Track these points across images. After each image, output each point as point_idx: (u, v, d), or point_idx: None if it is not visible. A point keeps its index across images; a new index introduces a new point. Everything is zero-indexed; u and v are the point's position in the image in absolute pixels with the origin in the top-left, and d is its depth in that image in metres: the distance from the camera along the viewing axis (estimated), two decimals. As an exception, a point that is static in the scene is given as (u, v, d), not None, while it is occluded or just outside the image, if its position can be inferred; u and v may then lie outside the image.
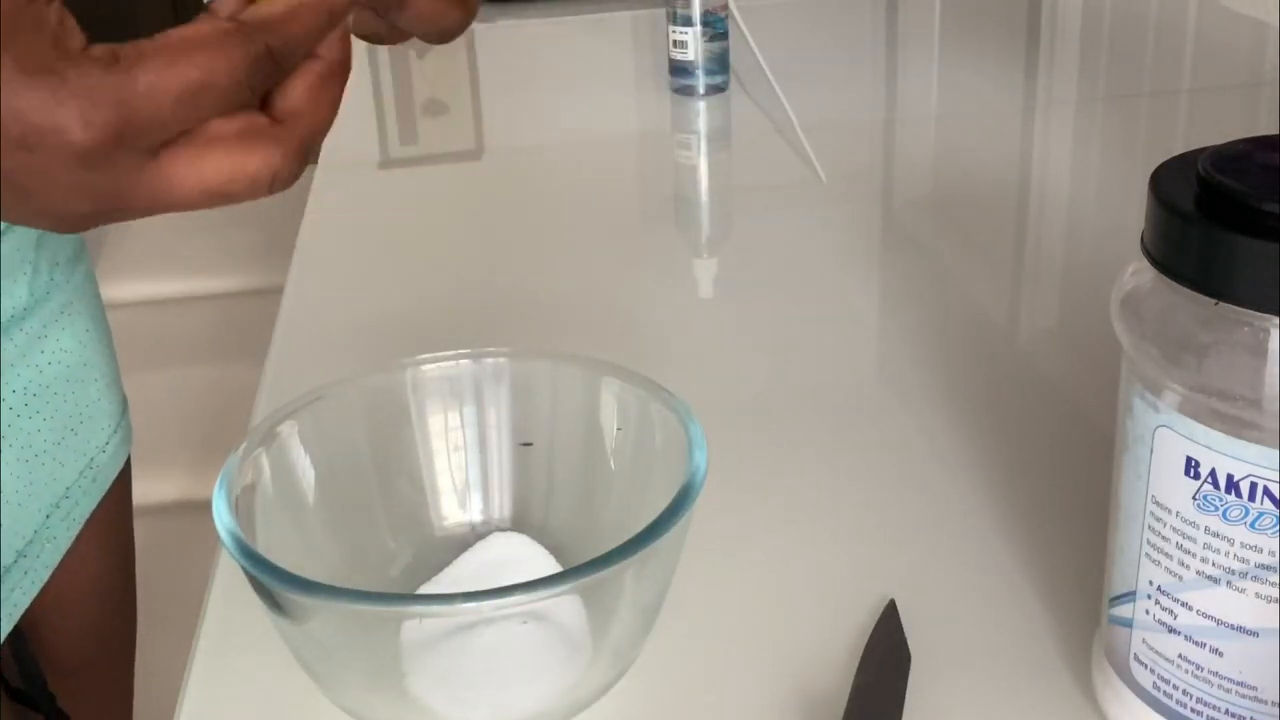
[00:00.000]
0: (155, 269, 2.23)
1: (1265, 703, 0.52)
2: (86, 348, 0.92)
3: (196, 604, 0.72)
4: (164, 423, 1.75)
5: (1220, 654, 0.52)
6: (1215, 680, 0.53)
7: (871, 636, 0.65)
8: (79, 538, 0.90)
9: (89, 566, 0.93)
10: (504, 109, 1.61)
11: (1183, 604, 0.53)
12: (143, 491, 1.64)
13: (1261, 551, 0.50)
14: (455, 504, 0.72)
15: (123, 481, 0.96)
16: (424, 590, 0.67)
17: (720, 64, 1.50)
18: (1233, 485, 0.49)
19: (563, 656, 0.60)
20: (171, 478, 1.65)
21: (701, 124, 1.50)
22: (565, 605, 0.59)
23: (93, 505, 0.90)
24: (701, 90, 1.51)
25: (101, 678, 1.00)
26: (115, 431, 0.93)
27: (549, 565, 0.68)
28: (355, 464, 0.71)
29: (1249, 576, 0.50)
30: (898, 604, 0.67)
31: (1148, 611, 0.55)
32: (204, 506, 0.62)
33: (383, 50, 1.84)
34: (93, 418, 0.90)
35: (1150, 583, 0.54)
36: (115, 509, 0.97)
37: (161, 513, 1.62)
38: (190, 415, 1.75)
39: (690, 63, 1.49)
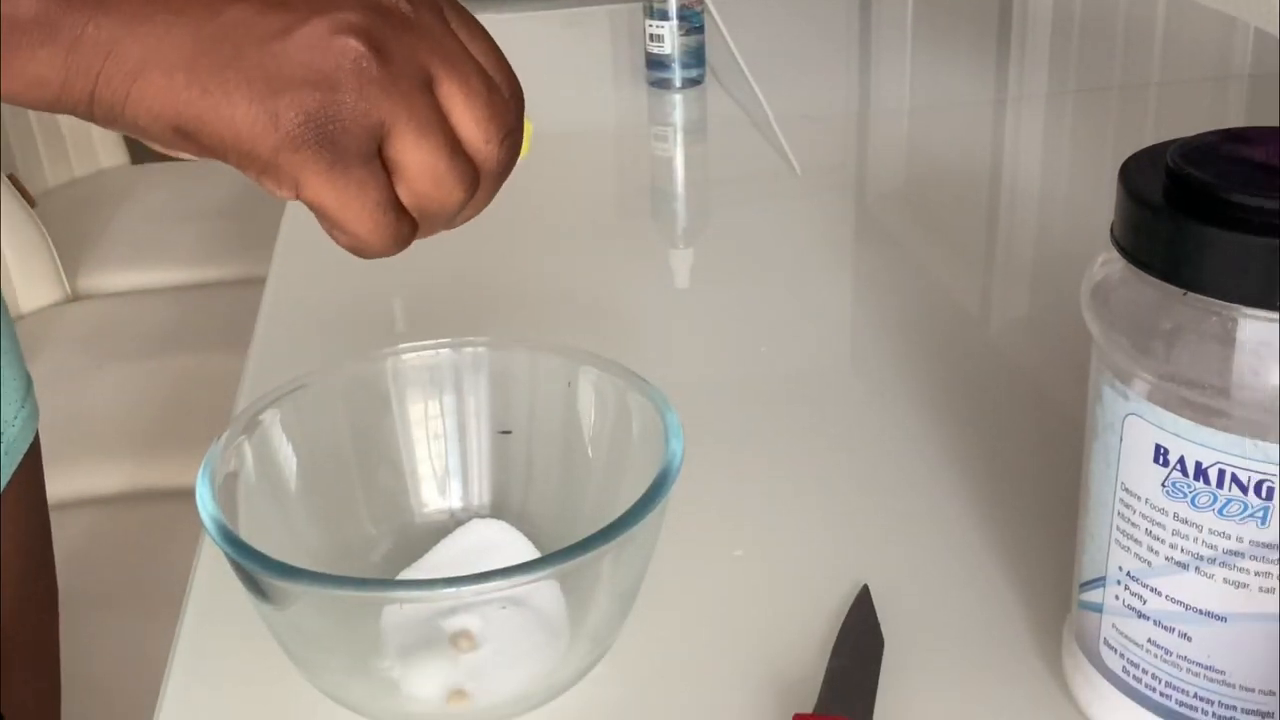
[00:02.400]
0: (139, 260, 2.22)
1: (1233, 686, 0.53)
2: None
3: (181, 589, 0.72)
4: (147, 411, 1.75)
5: (1189, 639, 0.53)
6: (1184, 664, 0.54)
7: (845, 621, 0.66)
8: None
9: (6, 543, 0.93)
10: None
11: (1152, 589, 0.54)
12: (127, 479, 1.64)
13: (1229, 538, 0.50)
14: (435, 491, 0.73)
15: (33, 456, 0.96)
16: (404, 576, 0.67)
17: (696, 58, 1.51)
18: (1201, 472, 0.50)
19: (541, 641, 0.61)
20: (154, 465, 1.65)
21: (678, 117, 1.50)
22: (543, 591, 0.59)
23: (6, 479, 0.90)
24: (678, 83, 1.51)
25: (24, 660, 0.99)
26: (23, 406, 0.93)
27: (528, 551, 0.68)
28: (337, 451, 0.71)
29: (1217, 562, 0.51)
30: (871, 589, 0.68)
31: (1117, 597, 0.55)
32: (187, 494, 0.63)
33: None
34: (1, 394, 0.90)
35: (1120, 568, 0.55)
36: (28, 484, 0.96)
37: (142, 500, 1.61)
38: (173, 404, 1.75)
39: (666, 56, 1.49)
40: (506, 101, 0.54)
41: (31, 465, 0.96)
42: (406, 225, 0.53)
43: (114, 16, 0.48)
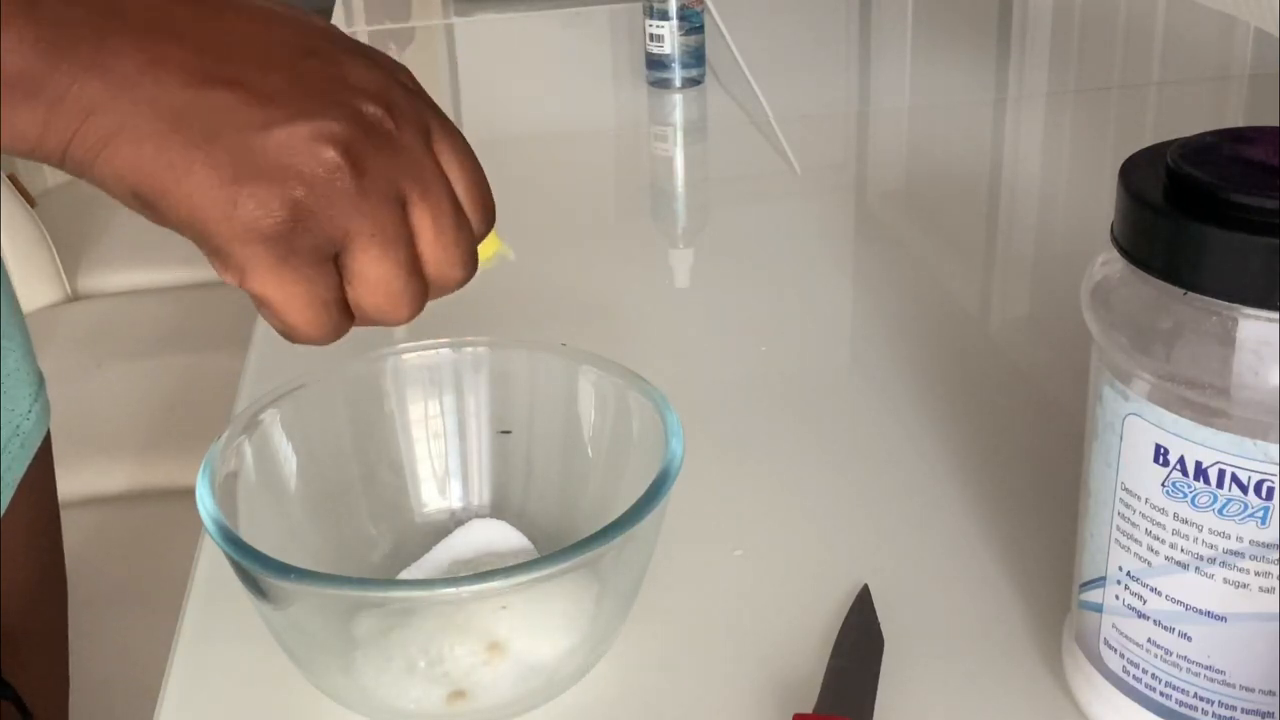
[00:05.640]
0: (139, 260, 2.22)
1: (1233, 686, 0.53)
2: (1, 320, 0.93)
3: (181, 588, 0.72)
4: (147, 411, 1.75)
5: (1189, 639, 0.53)
6: (1184, 664, 0.54)
7: (845, 621, 0.66)
8: (9, 507, 0.91)
9: (18, 536, 0.94)
10: (483, 102, 1.61)
11: (1152, 589, 0.54)
12: (127, 479, 1.64)
13: (1229, 538, 0.50)
14: (435, 491, 0.73)
15: (45, 450, 0.97)
16: (404, 576, 0.67)
17: (696, 57, 1.51)
18: (1201, 472, 0.50)
19: (541, 641, 0.61)
20: (155, 465, 1.65)
21: (678, 116, 1.50)
22: (543, 590, 0.59)
23: (21, 472, 0.91)
24: (678, 83, 1.51)
25: (37, 648, 1.00)
26: (36, 400, 0.94)
27: (527, 551, 0.68)
28: (336, 451, 0.71)
29: (1217, 562, 0.51)
30: (871, 589, 0.68)
31: (1117, 597, 0.55)
32: (187, 494, 0.63)
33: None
34: (15, 386, 0.91)
35: (1120, 568, 0.55)
36: (40, 478, 0.97)
37: (143, 500, 1.61)
38: (173, 404, 1.75)
39: (666, 56, 1.50)
40: (472, 230, 0.54)
41: (43, 460, 0.97)
42: (346, 322, 0.54)
43: (100, 81, 0.48)
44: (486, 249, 0.57)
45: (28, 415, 0.92)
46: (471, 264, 0.54)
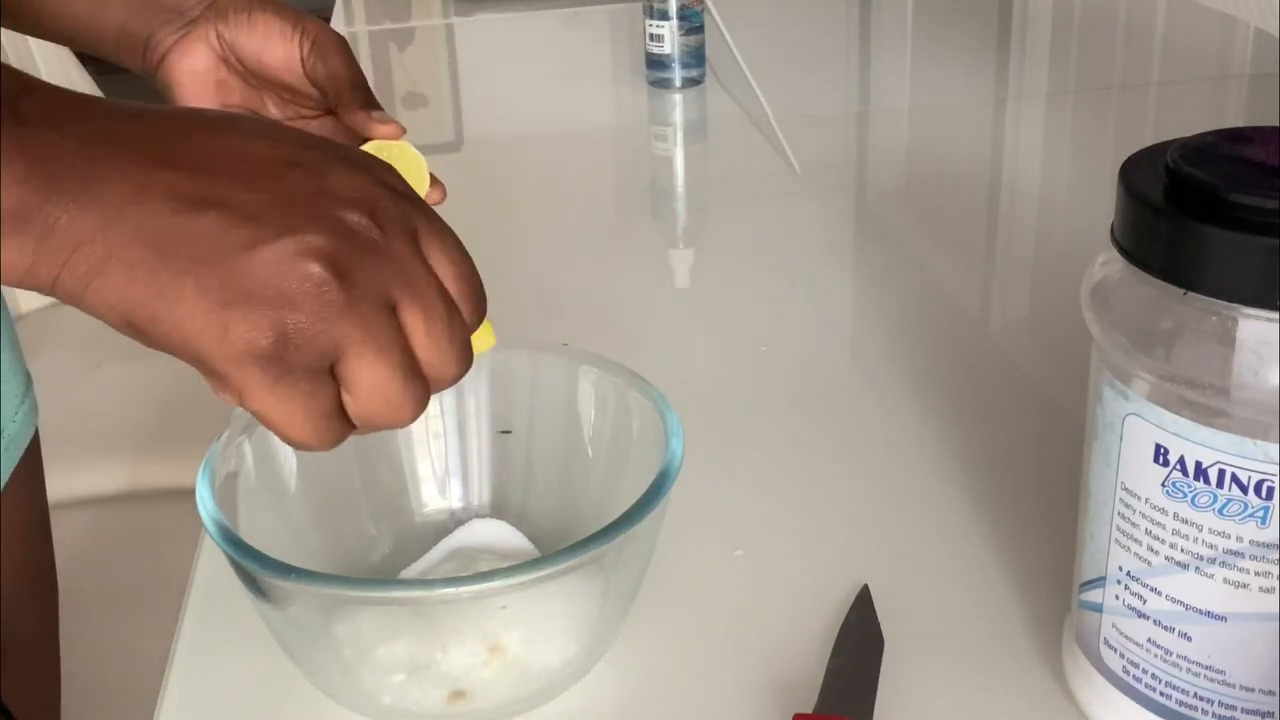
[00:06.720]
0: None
1: (1233, 686, 0.53)
2: None
3: (180, 589, 0.72)
4: (147, 411, 1.74)
5: (1189, 638, 0.53)
6: (1184, 664, 0.54)
7: (845, 621, 0.66)
8: None
9: (6, 538, 0.94)
10: (483, 102, 1.61)
11: (1152, 589, 0.54)
12: (127, 479, 1.64)
13: (1229, 537, 0.51)
14: (435, 491, 0.73)
15: (33, 451, 0.97)
16: (404, 576, 0.67)
17: (696, 57, 1.51)
18: (1201, 472, 0.50)
19: (541, 641, 0.61)
20: (154, 465, 1.64)
21: (678, 116, 1.50)
22: (543, 590, 0.59)
23: (7, 475, 0.91)
24: (678, 83, 1.51)
25: (26, 651, 1.00)
26: (23, 402, 0.94)
27: (527, 551, 0.68)
28: (336, 451, 0.71)
29: (1217, 562, 0.51)
30: (871, 589, 0.68)
31: (1117, 597, 0.55)
32: (187, 494, 0.63)
33: (363, 42, 1.84)
34: (2, 386, 0.91)
35: (1120, 568, 0.55)
36: (28, 480, 0.97)
37: (142, 500, 1.61)
38: (173, 404, 1.74)
39: (666, 56, 1.50)
40: (465, 322, 0.54)
41: (31, 461, 0.97)
42: (348, 428, 0.54)
43: (88, 213, 0.48)
44: (481, 341, 0.57)
45: (15, 416, 0.92)
46: (467, 359, 0.54)
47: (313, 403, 0.51)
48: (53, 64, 1.89)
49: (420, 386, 0.53)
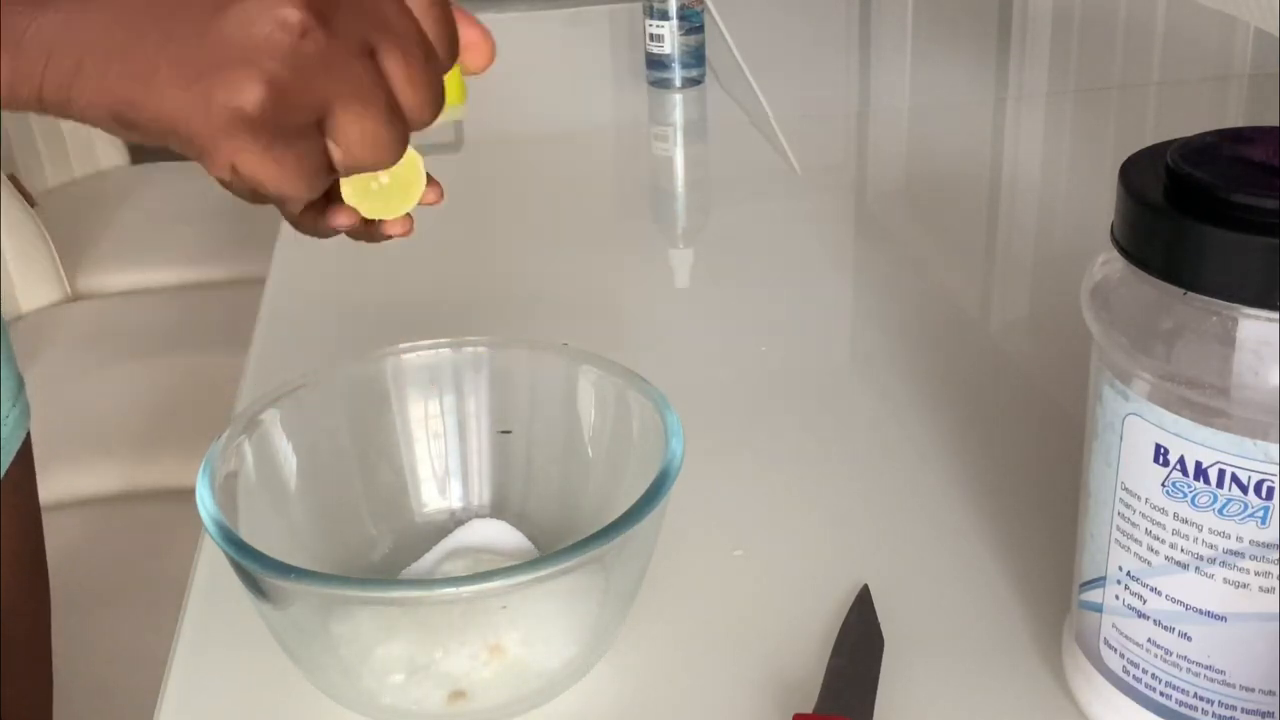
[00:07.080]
0: (139, 260, 2.22)
1: (1233, 686, 0.53)
2: None
3: (179, 589, 0.72)
4: (147, 411, 1.74)
5: (1189, 638, 0.53)
6: (1184, 664, 0.54)
7: (845, 621, 0.66)
8: None
9: (2, 539, 0.94)
10: (483, 102, 1.61)
11: (1152, 589, 0.54)
12: (127, 479, 1.64)
13: (1229, 537, 0.51)
14: (435, 491, 0.73)
15: (25, 453, 0.97)
16: (404, 576, 0.67)
17: (696, 57, 1.51)
18: (1201, 472, 0.50)
19: (540, 641, 0.61)
20: (154, 465, 1.64)
21: (678, 116, 1.50)
22: (543, 590, 0.59)
23: (2, 476, 0.91)
24: (678, 83, 1.51)
25: (18, 652, 1.00)
26: (15, 403, 0.94)
27: (527, 551, 0.68)
28: (337, 451, 0.71)
29: (1217, 562, 0.51)
30: (871, 589, 0.68)
31: (1117, 597, 0.55)
32: (187, 494, 0.63)
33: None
34: None
35: (1120, 568, 0.55)
36: (20, 482, 0.97)
37: (142, 500, 1.61)
38: (174, 403, 1.74)
39: (667, 56, 1.50)
40: (440, 65, 0.54)
41: (23, 464, 0.97)
42: (332, 175, 0.53)
43: (52, 15, 0.48)
44: (453, 92, 0.57)
45: (7, 418, 0.92)
46: (440, 104, 0.54)
47: (305, 162, 0.51)
48: None
49: (401, 127, 0.53)
